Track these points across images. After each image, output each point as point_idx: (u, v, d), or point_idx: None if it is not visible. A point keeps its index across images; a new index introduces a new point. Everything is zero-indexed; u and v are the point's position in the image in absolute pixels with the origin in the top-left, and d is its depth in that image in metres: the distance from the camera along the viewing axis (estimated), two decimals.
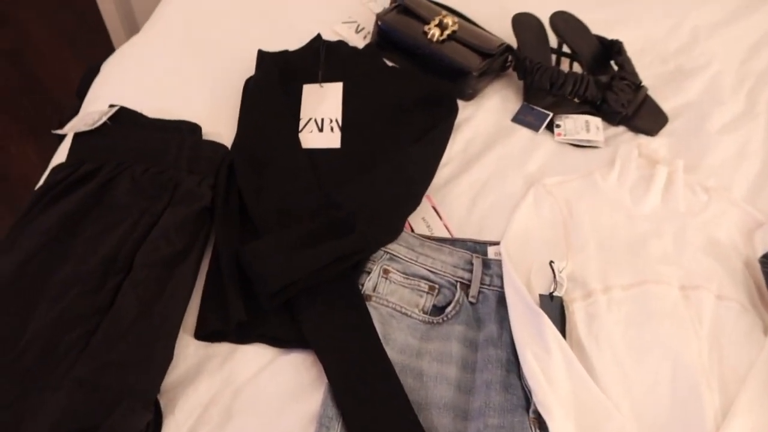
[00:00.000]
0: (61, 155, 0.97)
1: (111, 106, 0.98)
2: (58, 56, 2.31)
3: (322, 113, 1.02)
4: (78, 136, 0.94)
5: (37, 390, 0.70)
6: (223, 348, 0.79)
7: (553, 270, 0.81)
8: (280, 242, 0.81)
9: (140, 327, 0.75)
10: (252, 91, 1.04)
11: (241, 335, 0.79)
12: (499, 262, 0.85)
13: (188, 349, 0.79)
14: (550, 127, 1.05)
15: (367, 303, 0.80)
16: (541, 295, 0.79)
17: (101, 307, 0.77)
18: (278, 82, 1.03)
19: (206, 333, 0.79)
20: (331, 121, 1.01)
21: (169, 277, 0.80)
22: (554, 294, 0.79)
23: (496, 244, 0.88)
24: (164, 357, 0.75)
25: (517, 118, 1.07)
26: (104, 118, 0.93)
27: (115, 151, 0.92)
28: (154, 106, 1.03)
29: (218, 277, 0.82)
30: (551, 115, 1.06)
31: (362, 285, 0.82)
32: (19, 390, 0.71)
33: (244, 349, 0.79)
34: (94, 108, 1.07)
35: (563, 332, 0.77)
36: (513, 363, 0.76)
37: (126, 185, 0.88)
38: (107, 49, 1.23)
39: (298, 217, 0.86)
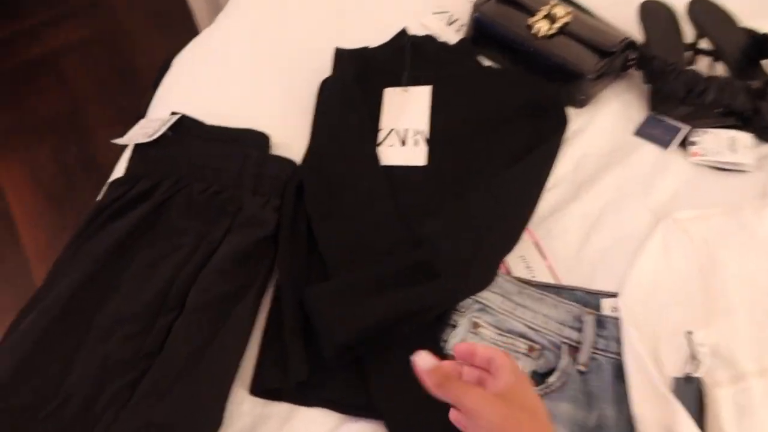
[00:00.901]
0: (122, 165, 0.89)
1: (173, 113, 0.88)
2: (149, 41, 2.31)
3: (405, 123, 0.88)
4: (138, 147, 0.85)
5: None
6: (282, 408, 0.68)
7: (690, 343, 0.64)
8: (350, 287, 0.68)
9: (188, 382, 0.66)
10: (327, 95, 0.91)
11: (303, 396, 0.68)
12: (616, 321, 0.69)
13: (242, 405, 0.68)
14: (684, 144, 0.86)
15: None
16: (675, 378, 0.62)
17: (149, 352, 0.68)
18: (356, 85, 0.90)
19: (263, 389, 0.68)
20: (416, 132, 0.87)
21: (225, 320, 0.70)
22: (691, 375, 0.62)
23: (614, 296, 0.72)
24: (214, 419, 0.65)
25: (642, 132, 0.88)
26: (164, 128, 0.84)
27: (174, 165, 0.83)
28: (220, 109, 0.93)
29: (280, 321, 0.71)
30: (686, 128, 0.86)
31: (445, 341, 0.69)
32: None
33: (305, 411, 0.68)
34: (159, 111, 0.99)
35: (702, 427, 0.60)
36: None
37: (183, 207, 0.79)
38: (194, 34, 1.16)
39: (373, 254, 0.73)
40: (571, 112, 0.89)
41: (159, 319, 0.70)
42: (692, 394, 0.61)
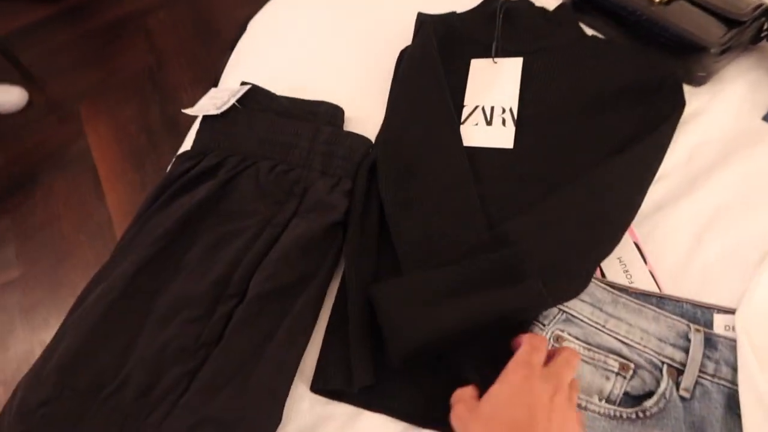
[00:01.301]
0: (194, 132, 0.86)
1: (243, 83, 0.84)
2: (233, 1, 2.29)
3: (492, 99, 0.79)
4: (206, 119, 0.81)
5: None
6: (344, 410, 0.63)
7: None
8: (423, 287, 0.62)
9: (247, 376, 0.62)
10: (406, 65, 0.83)
11: (366, 399, 0.63)
12: (731, 343, 0.59)
13: (302, 403, 0.64)
14: None
15: None
16: None
17: (208, 341, 0.65)
18: (439, 56, 0.81)
19: (324, 388, 0.64)
20: (504, 110, 0.78)
21: (287, 310, 0.66)
22: None
23: (730, 312, 0.62)
24: (273, 417, 0.62)
25: None
26: (233, 100, 0.79)
27: (241, 141, 0.78)
28: (293, 77, 0.89)
29: (345, 314, 0.66)
30: None
31: None
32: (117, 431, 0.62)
33: (369, 416, 0.63)
34: (232, 77, 0.95)
35: None
36: None
37: (249, 187, 0.74)
38: None
39: (451, 249, 0.66)
40: (687, 91, 0.77)
41: (219, 307, 0.67)
42: None
